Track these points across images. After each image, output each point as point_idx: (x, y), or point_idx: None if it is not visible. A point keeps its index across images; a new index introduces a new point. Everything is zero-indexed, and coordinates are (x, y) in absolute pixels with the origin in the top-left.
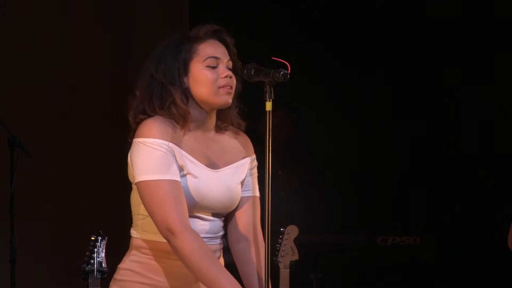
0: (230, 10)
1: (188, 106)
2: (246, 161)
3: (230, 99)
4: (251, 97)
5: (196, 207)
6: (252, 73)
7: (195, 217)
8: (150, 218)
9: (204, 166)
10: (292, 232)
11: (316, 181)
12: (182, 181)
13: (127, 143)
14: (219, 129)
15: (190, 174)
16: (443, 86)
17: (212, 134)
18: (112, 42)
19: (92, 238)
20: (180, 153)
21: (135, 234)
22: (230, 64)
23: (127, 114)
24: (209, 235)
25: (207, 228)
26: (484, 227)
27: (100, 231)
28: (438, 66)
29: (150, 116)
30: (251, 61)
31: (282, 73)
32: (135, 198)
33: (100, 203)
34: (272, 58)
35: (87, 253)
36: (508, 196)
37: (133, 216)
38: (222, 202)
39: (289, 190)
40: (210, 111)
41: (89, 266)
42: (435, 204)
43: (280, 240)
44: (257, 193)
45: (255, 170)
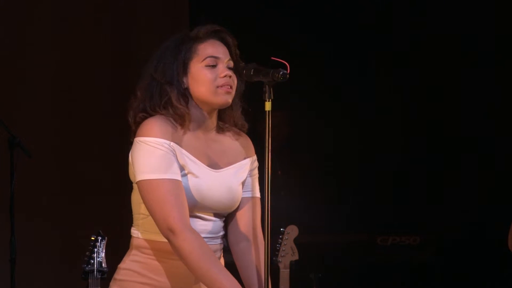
0: (230, 10)
1: (188, 106)
2: (247, 162)
3: (230, 99)
4: (251, 97)
5: (197, 207)
6: (252, 73)
7: (196, 217)
8: (151, 218)
9: (205, 166)
10: (292, 232)
11: (316, 181)
12: (183, 181)
13: (128, 143)
14: (220, 130)
15: (191, 174)
16: (443, 86)
17: (213, 135)
18: (112, 42)
19: (92, 238)
20: (181, 153)
21: (136, 234)
22: (231, 64)
23: (127, 115)
24: (210, 235)
25: (208, 228)
26: (484, 227)
27: (100, 231)
28: (438, 66)
29: (151, 115)
30: (251, 61)
31: (282, 73)
32: (136, 198)
33: (100, 203)
34: (272, 58)
35: (87, 253)
36: (508, 196)
37: (134, 216)
38: (223, 202)
39: (289, 190)
40: (210, 112)
41: (89, 266)
42: (435, 204)
43: (280, 240)
44: (258, 194)
45: (256, 171)
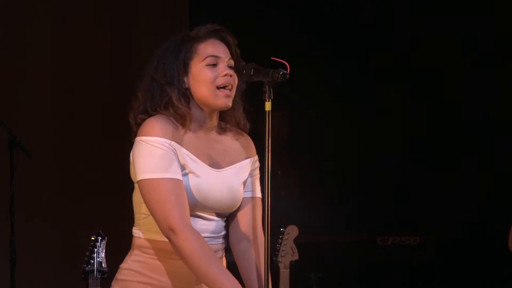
0: (230, 10)
1: (189, 106)
2: (248, 162)
3: (230, 102)
4: (251, 97)
5: (198, 206)
6: (251, 73)
7: (198, 217)
8: (152, 217)
9: (206, 166)
10: (292, 232)
11: (316, 181)
12: (184, 180)
13: (128, 143)
14: (222, 130)
15: (192, 173)
16: (443, 86)
17: (214, 135)
18: (112, 42)
19: (92, 238)
20: (182, 152)
21: (137, 234)
22: (232, 63)
23: (128, 116)
24: (212, 235)
25: (209, 228)
26: (484, 227)
27: (100, 231)
28: (438, 66)
29: (152, 115)
30: (251, 61)
31: (282, 73)
32: (137, 197)
33: (100, 203)
34: (272, 58)
35: (87, 253)
36: (508, 196)
37: (135, 215)
38: (224, 202)
39: (289, 190)
40: (211, 112)
41: (89, 266)
42: (435, 204)
43: (280, 240)
44: (259, 194)
45: (257, 171)
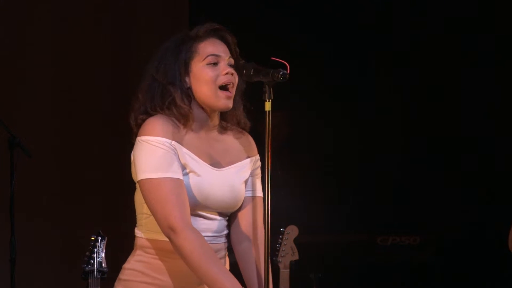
0: (230, 10)
1: (191, 106)
2: (249, 161)
3: (230, 104)
4: (251, 97)
5: (200, 206)
6: (251, 73)
7: (199, 216)
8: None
9: (207, 165)
10: (292, 232)
11: (316, 181)
12: (185, 180)
13: (128, 143)
14: (223, 129)
15: (193, 172)
16: (443, 86)
17: (215, 134)
18: (112, 42)
19: (92, 238)
20: (183, 151)
21: (139, 234)
22: (232, 62)
23: (128, 117)
24: (214, 234)
25: (212, 227)
26: (484, 227)
27: (100, 231)
28: (438, 66)
29: (152, 116)
30: (251, 61)
31: (282, 73)
32: (139, 197)
33: (100, 203)
34: (272, 58)
35: (87, 253)
36: (508, 196)
37: (137, 216)
38: (225, 201)
39: (289, 190)
40: (212, 112)
41: (89, 266)
42: (435, 204)
43: (280, 240)
44: (260, 193)
45: (259, 171)
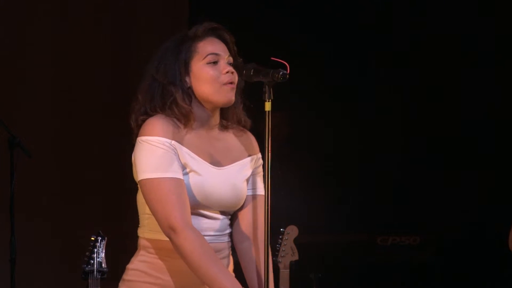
0: (230, 10)
1: (191, 105)
2: (251, 160)
3: (233, 97)
4: (251, 97)
5: (201, 205)
6: (251, 73)
7: (202, 215)
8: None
9: (208, 164)
10: (292, 232)
11: (316, 181)
12: (186, 179)
13: (128, 143)
14: (223, 128)
15: (194, 172)
16: (443, 86)
17: (216, 133)
18: (112, 42)
19: (92, 238)
20: (183, 151)
21: (142, 234)
22: (231, 60)
23: (129, 118)
24: (217, 233)
25: (214, 226)
26: (484, 227)
27: (100, 231)
28: (438, 66)
29: (152, 116)
30: (251, 61)
31: (281, 74)
32: (141, 198)
33: (100, 203)
34: (272, 58)
35: (87, 253)
36: (508, 196)
37: (140, 216)
38: (227, 200)
39: (289, 190)
40: (213, 110)
41: (89, 266)
42: (435, 204)
43: (280, 240)
44: (262, 192)
45: (260, 169)
